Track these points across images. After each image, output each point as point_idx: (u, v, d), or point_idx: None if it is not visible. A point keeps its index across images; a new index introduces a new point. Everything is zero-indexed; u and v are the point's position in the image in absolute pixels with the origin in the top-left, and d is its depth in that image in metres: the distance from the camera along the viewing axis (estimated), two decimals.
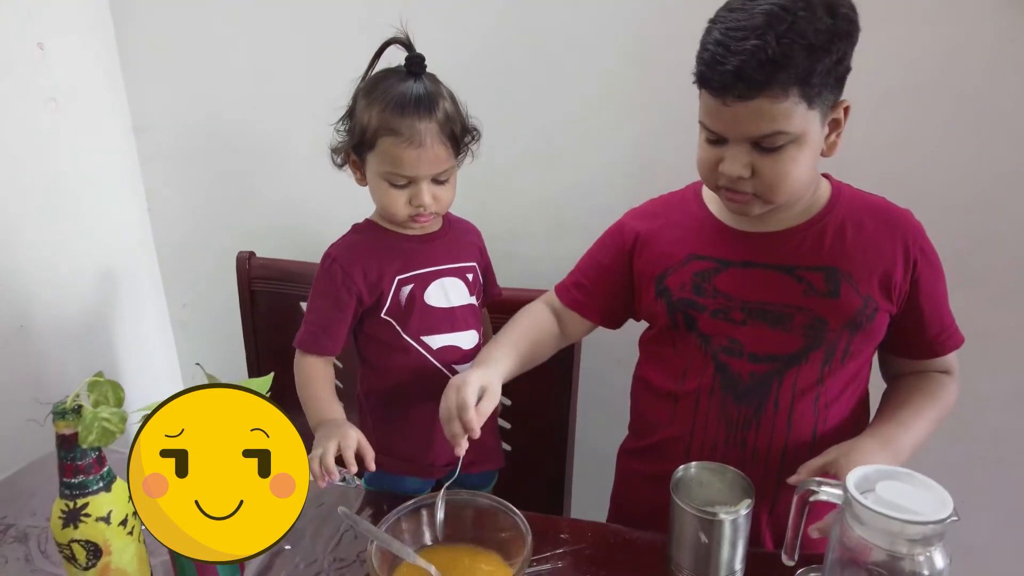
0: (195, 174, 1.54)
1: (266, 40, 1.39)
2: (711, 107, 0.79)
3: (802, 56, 0.73)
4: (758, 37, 0.73)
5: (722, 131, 0.80)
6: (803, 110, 0.76)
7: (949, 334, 0.91)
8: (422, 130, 0.88)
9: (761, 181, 0.80)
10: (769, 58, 0.72)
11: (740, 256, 0.90)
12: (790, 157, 0.79)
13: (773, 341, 0.87)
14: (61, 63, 1.35)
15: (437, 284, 0.97)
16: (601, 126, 1.28)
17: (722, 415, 0.90)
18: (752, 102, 0.75)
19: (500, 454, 1.09)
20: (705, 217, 0.94)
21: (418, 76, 0.91)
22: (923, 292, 0.88)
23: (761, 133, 0.77)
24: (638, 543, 0.89)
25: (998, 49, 1.07)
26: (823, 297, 0.86)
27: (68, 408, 0.68)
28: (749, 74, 0.73)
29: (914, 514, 0.61)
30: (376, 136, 0.89)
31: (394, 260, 0.96)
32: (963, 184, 1.14)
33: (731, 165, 0.80)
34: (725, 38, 0.75)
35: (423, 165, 0.89)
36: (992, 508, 1.27)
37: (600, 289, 1.02)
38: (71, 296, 1.42)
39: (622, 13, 1.21)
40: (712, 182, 0.86)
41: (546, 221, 1.37)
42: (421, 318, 0.96)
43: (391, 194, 0.92)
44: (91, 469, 0.70)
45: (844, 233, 0.87)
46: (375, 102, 0.89)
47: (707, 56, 0.77)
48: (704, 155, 0.85)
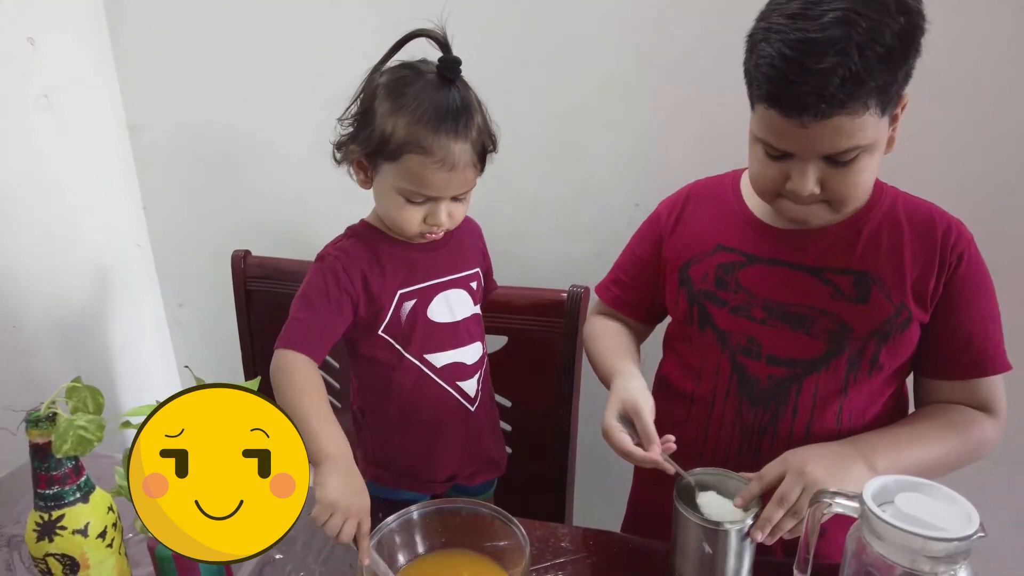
0: (190, 172, 1.51)
1: (262, 36, 1.37)
2: (779, 126, 0.72)
3: (882, 68, 0.67)
4: (838, 53, 0.66)
5: (791, 149, 0.74)
6: (877, 119, 0.71)
7: (984, 357, 0.82)
8: (456, 152, 0.78)
9: (831, 194, 0.75)
10: (852, 75, 0.66)
11: (768, 252, 0.85)
12: (862, 167, 0.74)
13: (793, 344, 0.83)
14: (53, 59, 1.32)
15: (441, 297, 0.91)
16: (605, 124, 1.25)
17: (737, 420, 0.86)
18: (830, 120, 0.69)
19: (502, 463, 1.05)
20: (739, 209, 0.89)
21: (452, 83, 0.80)
22: (954, 301, 0.81)
23: (838, 150, 0.72)
24: (641, 552, 0.86)
25: (1010, 41, 1.03)
26: (850, 302, 0.81)
27: (42, 416, 0.65)
28: (832, 93, 0.67)
29: (937, 530, 0.57)
30: (402, 151, 0.79)
31: (397, 272, 0.88)
32: (971, 179, 1.10)
33: (801, 183, 0.74)
34: (796, 53, 0.67)
35: (451, 188, 0.81)
36: (1004, 509, 1.23)
37: (639, 283, 0.98)
38: (65, 296, 1.40)
39: (626, 8, 1.18)
40: (772, 197, 0.80)
41: (549, 220, 1.34)
42: (425, 336, 0.89)
43: (407, 210, 0.83)
44: (67, 479, 0.67)
45: (880, 236, 0.82)
46: (403, 110, 0.78)
47: (774, 74, 0.69)
48: (764, 171, 0.78)
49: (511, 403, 1.22)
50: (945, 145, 1.10)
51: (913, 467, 0.75)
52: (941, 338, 0.83)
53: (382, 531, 0.79)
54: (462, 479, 0.98)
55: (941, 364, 0.84)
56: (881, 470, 0.74)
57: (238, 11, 1.36)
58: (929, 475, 0.76)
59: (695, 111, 1.19)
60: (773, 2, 0.73)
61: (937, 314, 0.82)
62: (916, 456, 0.78)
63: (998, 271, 0.89)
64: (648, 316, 1.00)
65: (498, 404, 1.20)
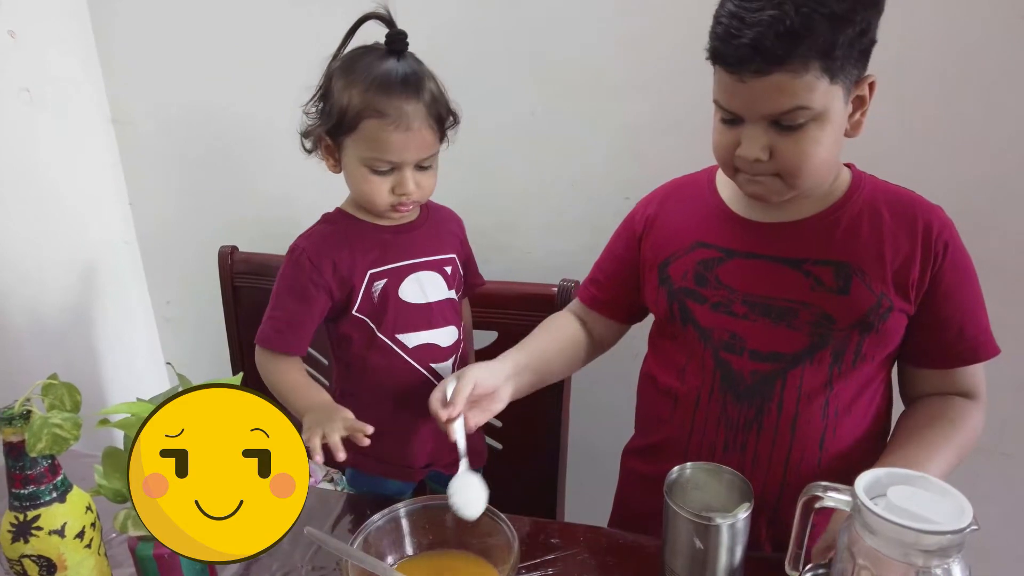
0: (177, 167, 1.50)
1: (247, 29, 1.35)
2: (726, 84, 0.74)
3: (824, 26, 0.68)
4: (775, 7, 0.68)
5: (738, 110, 0.75)
6: (825, 85, 0.71)
7: (974, 344, 0.82)
8: (410, 112, 0.82)
9: (782, 163, 0.75)
10: (788, 29, 0.67)
11: (746, 246, 0.84)
12: (812, 137, 0.74)
13: (776, 338, 0.82)
14: (34, 52, 1.30)
15: (413, 278, 0.92)
16: (595, 117, 1.24)
17: (722, 416, 0.85)
18: (770, 77, 0.70)
19: (483, 453, 1.05)
20: (715, 204, 0.88)
21: (400, 54, 0.84)
22: (943, 291, 0.81)
23: (780, 110, 0.72)
24: (632, 548, 0.85)
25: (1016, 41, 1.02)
26: (832, 293, 0.80)
27: (16, 413, 0.63)
28: (767, 47, 0.68)
29: (930, 523, 0.55)
30: (359, 118, 0.82)
31: (367, 252, 0.90)
32: (970, 173, 1.09)
33: (748, 147, 0.75)
34: (739, 9, 0.70)
35: (410, 149, 0.84)
36: (997, 503, 1.22)
37: (616, 282, 0.97)
38: (51, 293, 1.38)
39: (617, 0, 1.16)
40: (730, 167, 0.80)
41: (538, 213, 1.33)
42: (396, 315, 0.91)
43: (372, 181, 0.85)
44: (43, 479, 0.65)
45: (859, 226, 0.81)
46: (355, 81, 0.83)
47: (720, 30, 0.72)
48: (720, 138, 0.79)
49: None
50: (935, 136, 1.09)
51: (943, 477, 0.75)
52: (934, 330, 0.82)
53: (369, 529, 0.78)
54: (440, 466, 0.98)
55: (935, 355, 0.84)
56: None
57: (223, 5, 1.34)
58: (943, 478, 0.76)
59: (685, 105, 1.18)
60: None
61: (926, 306, 0.81)
62: (936, 471, 0.76)
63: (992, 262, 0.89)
64: (625, 315, 1.00)
65: None
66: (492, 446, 1.22)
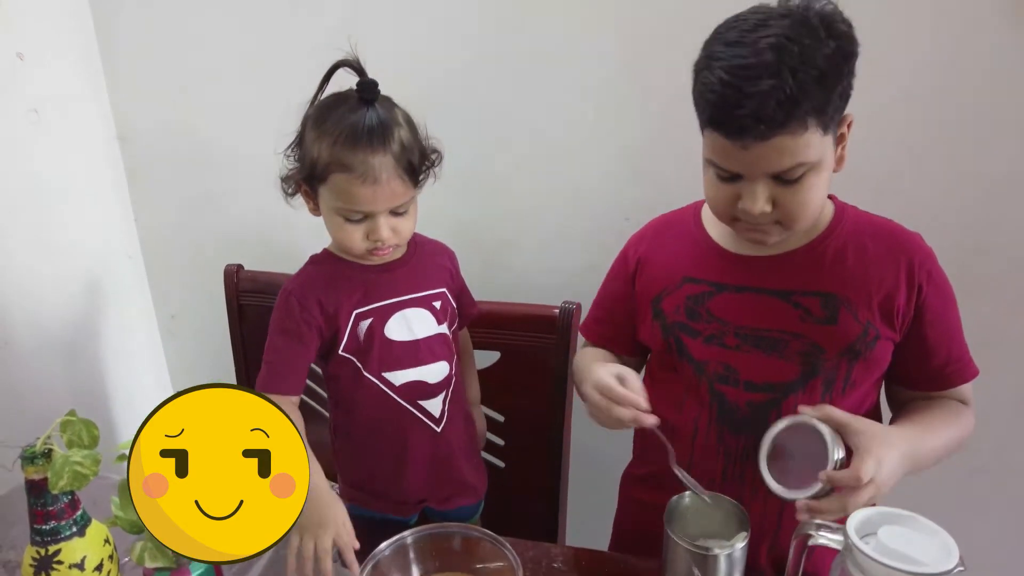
0: (181, 182, 1.51)
1: (252, 48, 1.36)
2: (725, 149, 0.75)
3: (816, 88, 0.70)
4: (772, 76, 0.69)
5: (738, 170, 0.77)
6: (819, 137, 0.73)
7: (960, 365, 0.86)
8: (376, 165, 0.82)
9: (783, 212, 0.77)
10: (788, 96, 0.69)
11: (735, 280, 0.87)
12: (809, 184, 0.76)
13: (769, 369, 0.84)
14: (42, 73, 1.32)
15: (399, 316, 0.92)
16: (596, 136, 1.26)
17: (720, 446, 0.87)
18: (771, 141, 0.72)
19: (480, 488, 1.06)
20: (702, 239, 0.91)
21: (370, 103, 0.84)
22: (928, 319, 0.84)
23: (782, 168, 0.74)
24: (633, 573, 0.87)
25: (997, 57, 1.04)
26: (820, 324, 0.83)
27: (37, 452, 0.65)
28: (769, 115, 0.70)
29: (918, 564, 0.58)
30: (327, 171, 0.83)
31: (352, 293, 0.91)
32: (961, 191, 1.11)
33: (752, 202, 0.76)
34: (734, 79, 0.70)
35: (379, 201, 0.84)
36: (991, 520, 1.25)
37: (619, 320, 0.99)
38: (56, 308, 1.39)
39: (616, 18, 1.18)
40: (728, 218, 0.82)
41: (540, 231, 1.35)
42: (381, 354, 0.92)
43: (346, 229, 0.86)
44: (63, 514, 0.67)
45: (844, 257, 0.84)
46: (325, 134, 0.83)
47: (715, 99, 0.72)
48: (717, 193, 0.80)
49: (504, 418, 1.23)
50: (921, 154, 1.12)
51: (937, 457, 0.82)
52: (921, 357, 0.85)
53: (376, 557, 0.80)
54: (434, 502, 0.99)
55: (922, 379, 0.87)
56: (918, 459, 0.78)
57: (228, 23, 1.35)
58: (937, 462, 0.82)
59: (685, 124, 1.18)
60: (715, 32, 0.77)
61: (912, 333, 0.84)
62: (940, 443, 0.82)
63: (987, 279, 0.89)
64: (637, 349, 1.01)
65: (490, 419, 1.22)
66: (494, 463, 1.24)
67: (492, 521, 1.10)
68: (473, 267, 1.07)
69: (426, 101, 0.90)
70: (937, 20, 1.05)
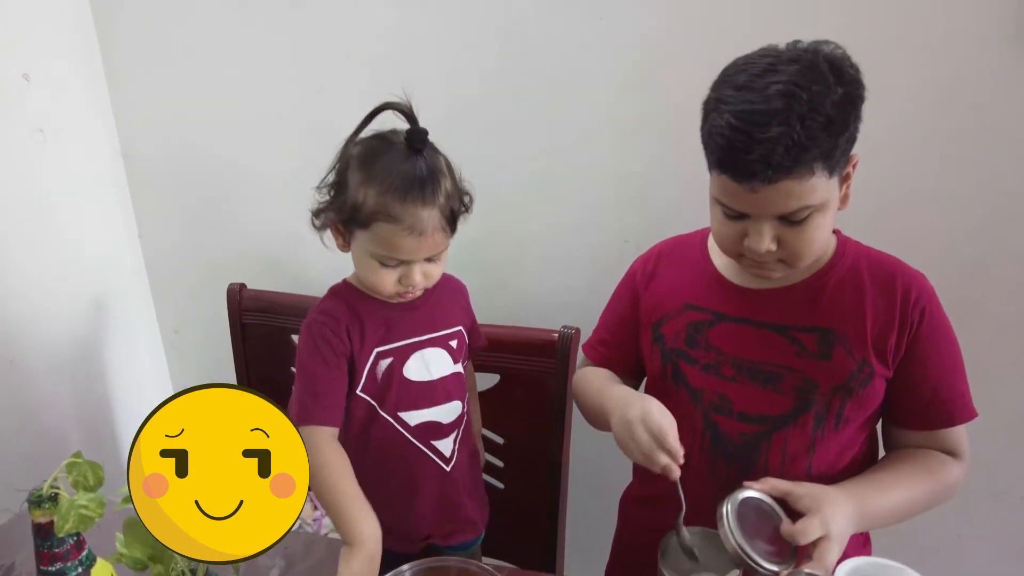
0: (185, 199, 1.52)
1: (256, 67, 1.37)
2: (732, 190, 0.76)
3: (824, 135, 0.71)
4: (781, 123, 0.70)
5: (745, 211, 0.78)
6: (825, 180, 0.74)
7: (949, 406, 0.85)
8: (424, 218, 0.82)
9: (788, 251, 0.79)
10: (795, 143, 0.70)
11: (736, 311, 0.88)
12: (815, 224, 0.77)
13: (763, 401, 0.86)
14: (47, 93, 1.33)
15: (418, 356, 0.93)
16: (596, 160, 1.26)
17: (712, 475, 0.88)
18: (778, 184, 0.73)
19: (481, 524, 1.06)
20: (706, 268, 0.92)
21: (420, 152, 0.83)
22: (919, 357, 0.84)
23: (788, 211, 0.75)
24: None
25: (998, 81, 1.05)
26: (815, 359, 0.84)
27: (44, 495, 0.67)
28: (777, 161, 0.71)
29: None
30: (372, 219, 0.82)
31: (376, 330, 0.91)
32: (959, 215, 1.12)
33: (757, 241, 0.78)
34: (743, 124, 0.71)
35: (422, 251, 0.85)
36: (989, 541, 1.26)
37: (623, 341, 1.00)
38: (61, 323, 1.41)
39: (619, 44, 1.18)
40: (733, 253, 0.83)
41: (540, 254, 1.36)
42: (399, 394, 0.92)
43: (380, 272, 0.86)
44: (69, 555, 0.69)
45: (843, 292, 0.85)
46: (372, 180, 0.82)
47: (724, 143, 0.74)
48: (723, 230, 0.82)
49: (503, 440, 1.24)
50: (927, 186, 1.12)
51: (897, 513, 0.82)
52: (908, 393, 0.86)
53: None
54: (438, 538, 0.99)
55: (909, 417, 0.87)
56: (869, 516, 0.79)
57: (232, 41, 1.36)
58: (905, 517, 0.82)
59: (686, 149, 1.19)
60: (723, 73, 0.77)
61: (902, 370, 0.85)
62: (897, 501, 0.82)
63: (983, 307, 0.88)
64: (639, 371, 1.02)
65: (490, 441, 1.23)
66: (493, 485, 1.25)
67: (492, 543, 1.12)
68: (473, 288, 1.08)
69: (430, 124, 0.89)
70: (944, 42, 1.05)
